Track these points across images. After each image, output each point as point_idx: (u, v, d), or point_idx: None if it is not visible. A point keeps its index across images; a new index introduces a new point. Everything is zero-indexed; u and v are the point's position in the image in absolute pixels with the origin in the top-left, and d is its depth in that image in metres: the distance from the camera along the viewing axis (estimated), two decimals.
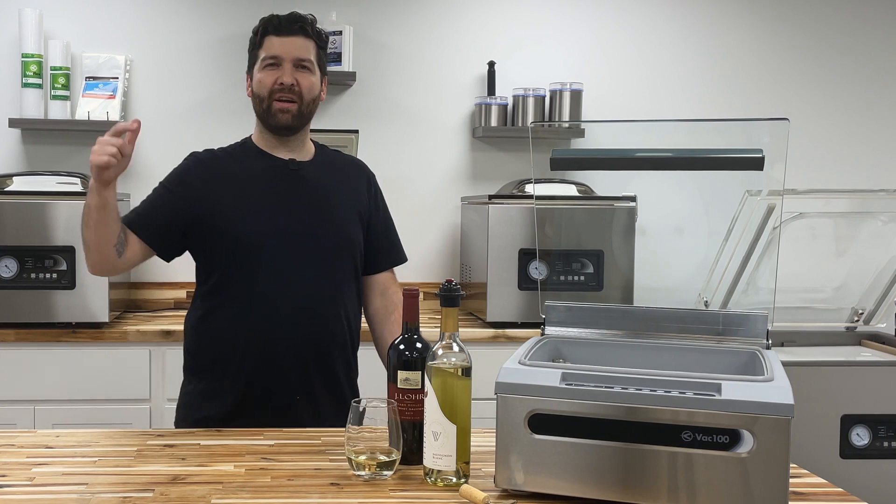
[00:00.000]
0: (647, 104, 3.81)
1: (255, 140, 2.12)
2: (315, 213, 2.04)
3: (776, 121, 1.69)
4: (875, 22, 3.94)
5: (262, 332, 1.99)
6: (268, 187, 2.04)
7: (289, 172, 2.06)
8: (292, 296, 1.99)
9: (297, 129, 2.06)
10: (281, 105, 2.01)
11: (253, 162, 2.07)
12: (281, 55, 2.01)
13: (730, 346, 1.64)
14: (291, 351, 1.99)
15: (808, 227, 3.15)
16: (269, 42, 2.03)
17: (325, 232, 2.03)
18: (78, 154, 3.57)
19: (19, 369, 2.99)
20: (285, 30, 2.03)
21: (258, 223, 2.00)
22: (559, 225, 3.01)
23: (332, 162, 2.15)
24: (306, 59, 2.04)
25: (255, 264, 1.98)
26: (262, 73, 2.03)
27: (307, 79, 2.04)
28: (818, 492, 1.49)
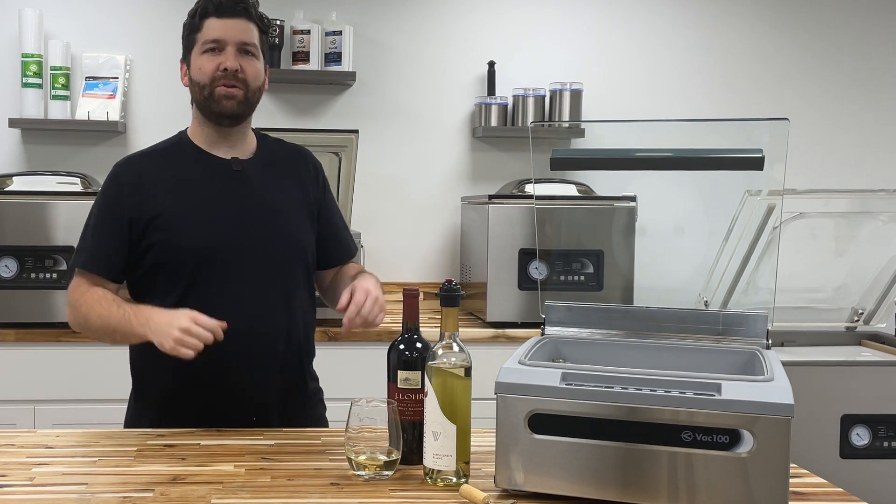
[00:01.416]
0: (647, 104, 3.81)
1: (191, 135, 1.94)
2: (262, 221, 1.87)
3: (776, 121, 1.69)
4: (875, 22, 3.94)
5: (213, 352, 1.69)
6: (210, 192, 1.87)
7: (231, 175, 1.89)
8: (237, 314, 1.78)
9: (241, 119, 1.89)
10: (225, 90, 1.84)
11: (190, 162, 1.90)
12: (223, 38, 1.84)
13: (730, 346, 1.64)
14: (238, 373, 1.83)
15: (808, 227, 3.15)
16: (209, 24, 1.85)
17: (274, 241, 1.88)
18: (78, 154, 3.57)
19: (19, 369, 2.99)
20: (227, 11, 1.85)
21: (197, 234, 1.83)
22: (559, 225, 3.01)
23: (275, 156, 1.98)
24: (250, 44, 1.86)
25: (205, 277, 1.82)
26: (202, 58, 1.85)
27: (252, 65, 1.87)
28: (818, 492, 1.49)
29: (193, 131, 1.95)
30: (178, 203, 1.86)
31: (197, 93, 1.89)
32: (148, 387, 1.92)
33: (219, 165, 1.90)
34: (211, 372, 1.80)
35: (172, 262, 1.84)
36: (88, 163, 3.55)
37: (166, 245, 1.84)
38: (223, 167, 1.90)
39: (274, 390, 1.89)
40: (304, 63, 3.55)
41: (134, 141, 3.61)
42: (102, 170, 3.54)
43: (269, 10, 3.59)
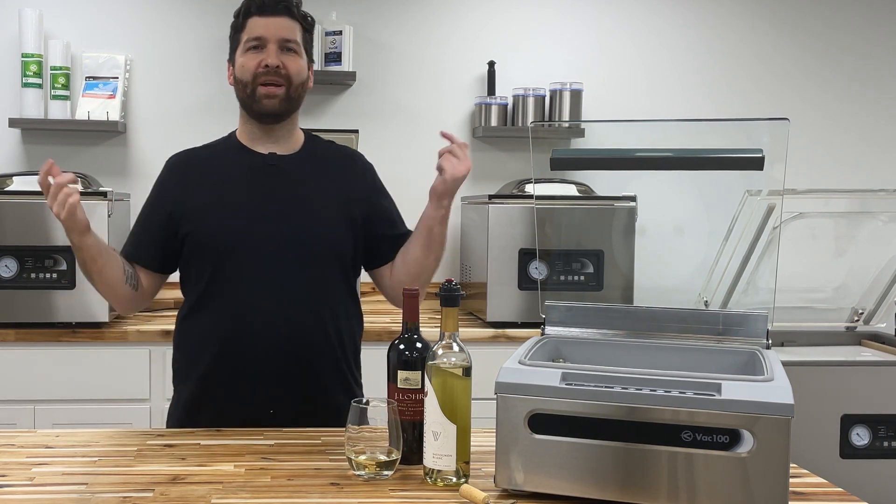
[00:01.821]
0: (647, 104, 3.81)
1: (238, 134, 2.01)
2: (293, 213, 1.91)
3: (776, 121, 1.69)
4: (875, 21, 3.95)
5: (232, 344, 1.87)
6: (243, 185, 1.93)
7: (266, 168, 1.94)
8: (265, 304, 1.87)
9: (283, 117, 1.94)
10: (267, 89, 1.89)
11: (231, 158, 1.97)
12: (265, 36, 1.89)
13: (730, 346, 1.64)
14: (262, 363, 1.87)
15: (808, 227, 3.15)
16: (252, 23, 1.90)
17: (304, 232, 1.90)
18: (78, 154, 3.57)
19: (19, 369, 2.99)
20: (269, 10, 1.90)
21: (229, 224, 1.89)
22: (559, 225, 3.01)
23: (320, 154, 2.01)
24: (292, 41, 1.91)
25: (231, 269, 1.88)
26: (245, 56, 1.90)
27: (294, 61, 1.91)
28: (818, 492, 1.49)
29: (240, 129, 2.01)
30: (209, 196, 1.92)
31: (240, 91, 1.94)
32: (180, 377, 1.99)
33: (255, 159, 1.96)
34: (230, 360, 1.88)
35: (198, 253, 1.91)
36: (88, 163, 3.55)
37: (193, 236, 1.91)
38: (259, 160, 1.95)
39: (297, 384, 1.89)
40: None
41: (134, 141, 3.62)
42: (102, 170, 3.58)
43: None
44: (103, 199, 3.04)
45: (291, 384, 1.89)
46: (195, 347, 1.94)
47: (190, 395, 1.94)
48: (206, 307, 1.92)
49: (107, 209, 3.02)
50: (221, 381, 1.90)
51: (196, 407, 1.93)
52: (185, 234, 1.91)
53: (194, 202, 1.92)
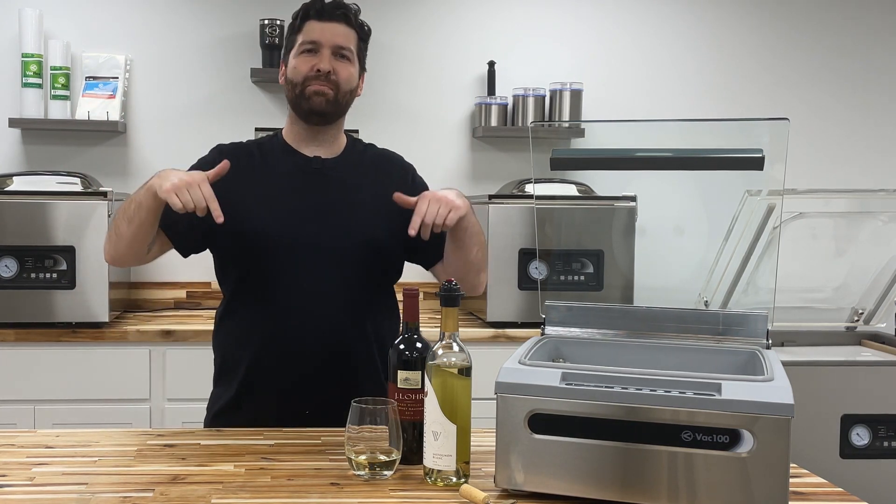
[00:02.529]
0: (647, 104, 3.81)
1: (284, 134, 2.01)
2: (334, 216, 1.91)
3: (776, 121, 1.69)
4: (875, 22, 3.95)
5: (270, 344, 1.89)
6: (286, 186, 1.94)
7: (310, 171, 1.95)
8: (305, 305, 1.88)
9: (330, 118, 1.94)
10: (316, 87, 1.89)
11: (276, 158, 1.97)
12: (320, 40, 1.90)
13: (730, 345, 1.64)
14: (298, 365, 1.88)
15: (808, 227, 3.15)
16: (310, 27, 1.92)
17: (346, 235, 1.90)
18: (78, 154, 3.57)
19: (19, 369, 2.99)
20: (327, 15, 1.92)
21: (271, 224, 1.89)
22: (559, 225, 3.01)
23: (362, 158, 2.03)
24: (346, 48, 1.92)
25: (267, 269, 1.88)
26: (299, 58, 1.92)
27: (346, 68, 1.92)
28: (818, 492, 1.49)
29: (287, 130, 2.01)
30: (251, 193, 1.92)
31: (290, 91, 1.95)
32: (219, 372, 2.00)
33: (299, 160, 1.96)
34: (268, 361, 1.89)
35: (237, 250, 1.91)
36: (88, 163, 3.55)
37: (234, 231, 1.87)
38: (303, 162, 1.96)
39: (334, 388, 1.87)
40: None
41: (134, 141, 3.62)
42: (102, 170, 3.58)
43: (268, 10, 3.62)
44: (103, 199, 3.04)
45: (327, 386, 1.89)
46: (233, 346, 1.95)
47: (228, 394, 1.95)
48: (245, 306, 1.93)
49: (107, 209, 3.02)
50: (259, 382, 1.91)
51: (235, 406, 1.94)
52: (224, 228, 1.86)
53: (239, 196, 1.89)
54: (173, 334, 3.05)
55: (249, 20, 3.61)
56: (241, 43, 3.64)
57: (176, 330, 3.06)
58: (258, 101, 3.67)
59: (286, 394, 1.91)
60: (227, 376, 1.97)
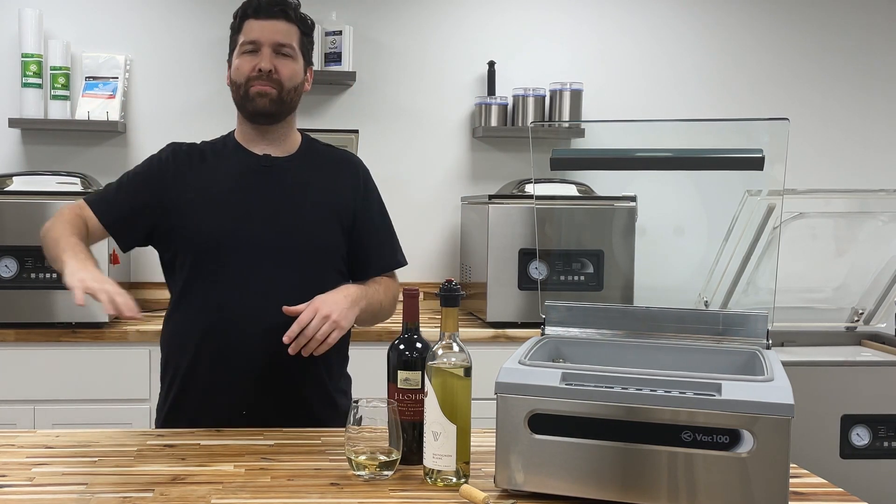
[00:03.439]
0: (647, 104, 3.81)
1: (236, 134, 2.00)
2: (281, 214, 1.89)
3: (776, 121, 1.69)
4: (875, 22, 3.94)
5: (209, 342, 1.86)
6: (234, 186, 1.91)
7: (259, 169, 1.92)
8: (244, 304, 1.84)
9: (276, 118, 1.92)
10: (259, 87, 1.88)
11: (227, 157, 1.96)
12: (259, 40, 1.88)
13: (730, 346, 1.64)
14: (237, 363, 1.85)
15: (808, 227, 3.15)
16: (248, 26, 1.90)
17: (291, 234, 1.88)
18: (78, 154, 3.57)
19: (19, 369, 2.99)
20: (265, 13, 1.89)
21: (217, 223, 1.87)
22: (559, 225, 3.01)
23: (316, 157, 2.00)
24: (287, 45, 1.90)
25: (213, 268, 1.87)
26: (240, 59, 1.90)
27: (287, 66, 1.90)
28: (818, 492, 1.49)
29: (237, 130, 2.01)
30: (199, 192, 1.91)
31: (234, 92, 1.94)
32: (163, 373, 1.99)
33: (248, 159, 1.95)
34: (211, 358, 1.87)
35: (182, 248, 1.90)
36: (88, 163, 3.55)
37: (179, 230, 1.90)
38: (253, 161, 1.95)
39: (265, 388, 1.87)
40: None
41: (134, 141, 3.62)
42: (102, 170, 3.58)
43: None
44: None
45: (265, 387, 1.87)
46: (176, 345, 1.94)
47: (170, 393, 1.95)
48: (188, 305, 1.92)
49: None
50: (198, 381, 1.90)
51: (175, 406, 1.94)
52: (171, 227, 1.90)
53: (184, 196, 1.90)
54: None
55: None
56: None
57: None
58: None
59: (224, 394, 1.87)
60: (168, 375, 1.96)
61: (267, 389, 1.87)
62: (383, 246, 2.02)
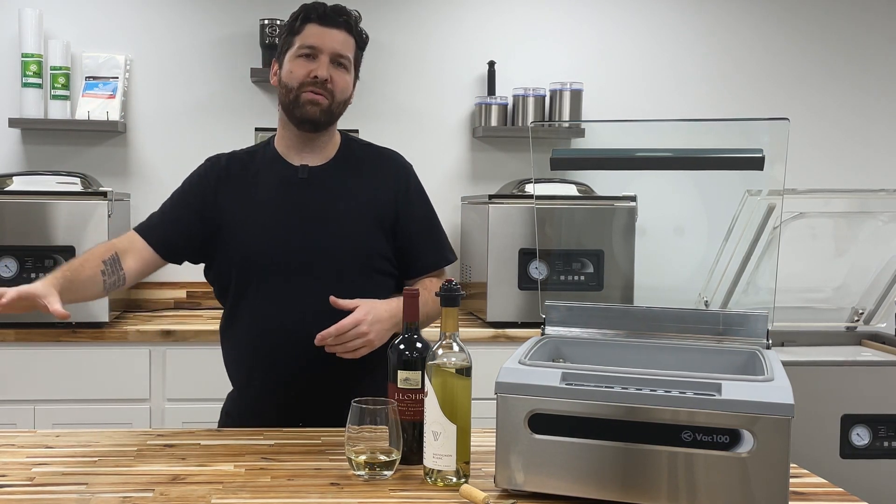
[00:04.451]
0: (647, 104, 3.81)
1: (276, 142, 1.97)
2: (321, 225, 1.87)
3: (776, 121, 1.69)
4: (875, 22, 3.94)
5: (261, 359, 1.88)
6: (272, 198, 1.90)
7: (297, 181, 1.91)
8: (292, 319, 1.84)
9: (321, 127, 1.90)
10: (311, 96, 1.85)
11: (266, 167, 1.93)
12: (319, 46, 1.85)
13: (730, 346, 1.64)
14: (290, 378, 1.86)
15: (808, 227, 3.15)
16: (310, 30, 1.87)
17: (333, 244, 1.86)
18: (78, 154, 3.57)
19: (19, 369, 2.99)
20: (329, 20, 1.87)
21: (257, 237, 1.87)
22: (559, 225, 3.01)
23: (354, 161, 1.97)
24: (345, 57, 1.89)
25: (256, 282, 1.86)
26: (295, 62, 1.87)
27: (342, 77, 1.89)
28: (818, 492, 1.49)
29: (278, 137, 1.98)
30: (241, 209, 1.90)
31: (283, 95, 1.91)
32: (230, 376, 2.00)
33: (287, 172, 1.92)
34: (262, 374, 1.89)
35: (227, 265, 1.89)
36: (88, 163, 3.55)
37: (221, 247, 1.89)
38: (291, 173, 1.92)
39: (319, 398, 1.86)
40: None
41: (134, 141, 3.62)
42: (102, 170, 3.58)
43: (268, 11, 3.62)
44: (103, 199, 3.04)
45: (320, 397, 1.86)
46: (232, 359, 1.96)
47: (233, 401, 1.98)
48: (237, 319, 1.92)
49: (107, 209, 3.02)
50: (254, 394, 1.92)
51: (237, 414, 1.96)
52: (214, 242, 1.90)
53: (224, 211, 1.90)
54: (173, 334, 3.05)
55: (249, 20, 3.61)
56: (241, 43, 3.64)
57: (176, 330, 3.06)
58: (258, 101, 3.66)
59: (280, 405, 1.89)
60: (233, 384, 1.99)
61: (321, 397, 1.86)
62: (428, 244, 1.99)
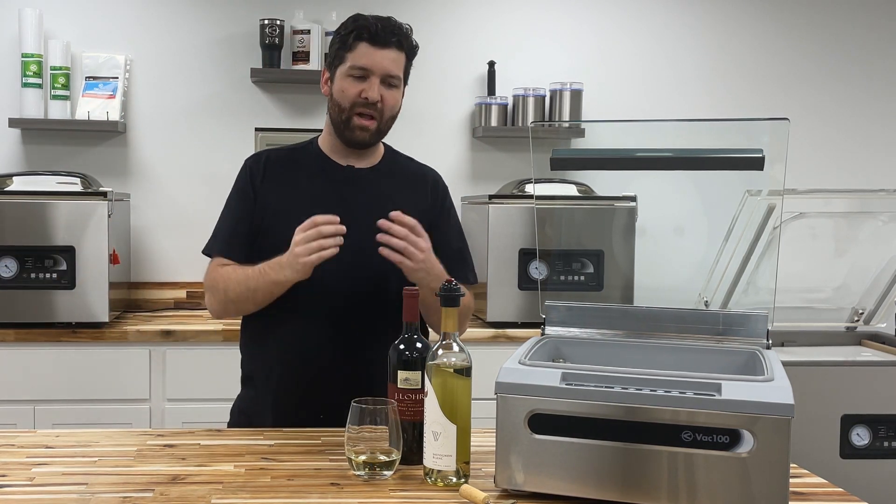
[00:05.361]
0: (647, 104, 3.81)
1: (321, 143, 2.00)
2: (362, 225, 1.84)
3: (776, 121, 1.69)
4: (875, 22, 3.95)
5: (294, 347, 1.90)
6: (316, 193, 1.93)
7: (342, 180, 1.94)
8: (331, 313, 1.88)
9: (371, 146, 1.96)
10: (361, 122, 1.88)
11: (311, 165, 1.96)
12: (371, 68, 1.87)
13: (730, 346, 1.64)
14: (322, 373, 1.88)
15: (808, 227, 3.15)
16: (362, 50, 1.87)
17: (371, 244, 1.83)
18: (78, 154, 3.57)
19: (19, 369, 2.99)
20: (381, 41, 1.88)
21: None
22: (559, 225, 3.01)
23: (396, 170, 2.02)
24: (395, 76, 1.91)
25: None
26: (347, 81, 1.88)
27: (393, 96, 1.92)
28: (818, 492, 1.49)
29: (323, 139, 2.00)
30: (289, 200, 1.91)
31: (335, 112, 1.92)
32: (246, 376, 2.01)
33: (335, 170, 1.96)
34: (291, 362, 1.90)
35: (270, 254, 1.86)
36: (88, 163, 3.55)
37: (271, 237, 1.88)
38: (339, 172, 1.96)
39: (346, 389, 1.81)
40: (304, 63, 3.55)
41: (134, 141, 3.62)
42: (102, 170, 3.58)
43: (268, 10, 3.62)
44: (103, 199, 3.04)
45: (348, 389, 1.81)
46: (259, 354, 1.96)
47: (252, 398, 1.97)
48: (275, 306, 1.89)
49: (107, 209, 3.02)
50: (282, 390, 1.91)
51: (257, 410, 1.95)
52: (264, 233, 1.91)
53: (274, 204, 1.92)
54: (173, 334, 3.05)
55: (249, 20, 3.61)
56: (241, 43, 3.64)
57: (176, 330, 3.06)
58: (258, 101, 3.66)
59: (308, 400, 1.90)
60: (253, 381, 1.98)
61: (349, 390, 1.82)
62: (455, 263, 1.97)
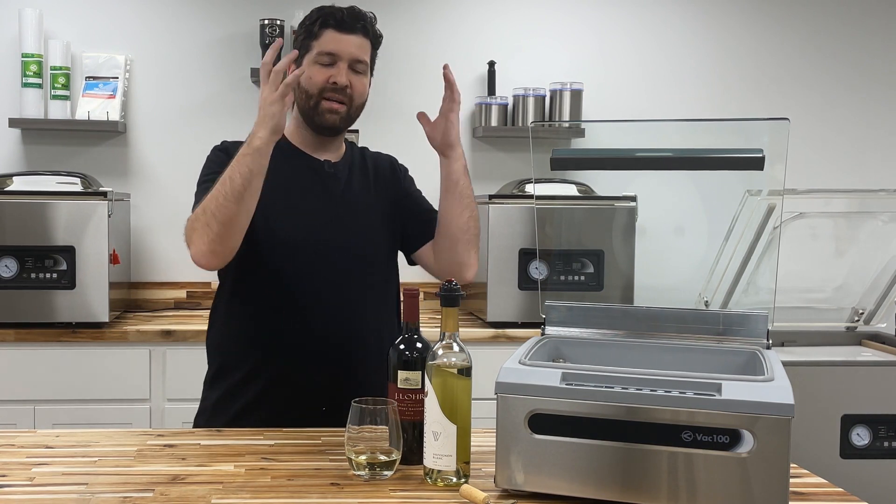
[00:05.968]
0: (647, 104, 3.81)
1: (288, 136, 1.98)
2: (347, 220, 1.94)
3: (776, 121, 1.69)
4: (874, 23, 3.95)
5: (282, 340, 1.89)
6: (299, 188, 1.94)
7: (325, 175, 1.96)
8: (321, 307, 1.89)
9: (340, 132, 1.97)
10: (330, 105, 1.89)
11: (287, 159, 1.94)
12: (338, 53, 1.88)
13: (730, 346, 1.64)
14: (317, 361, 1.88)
15: (808, 227, 3.15)
16: (328, 37, 1.89)
17: (354, 239, 1.94)
18: (78, 154, 3.57)
19: (19, 369, 2.99)
20: (347, 27, 1.89)
21: (284, 226, 1.89)
22: (559, 225, 3.01)
23: (360, 161, 2.05)
24: (362, 61, 1.92)
25: (284, 269, 1.88)
26: (314, 67, 1.89)
27: (361, 82, 1.93)
28: (818, 492, 1.49)
29: (292, 132, 2.00)
30: (272, 193, 1.86)
31: (302, 100, 1.93)
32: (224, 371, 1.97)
33: (314, 164, 1.97)
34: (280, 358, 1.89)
35: (258, 248, 1.87)
36: (88, 163, 3.55)
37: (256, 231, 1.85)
38: (318, 166, 1.97)
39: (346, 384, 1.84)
40: None
41: (134, 141, 3.62)
42: (102, 170, 3.58)
43: (268, 10, 3.62)
44: (103, 199, 3.04)
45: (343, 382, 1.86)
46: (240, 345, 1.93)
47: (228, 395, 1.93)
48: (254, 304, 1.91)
49: (107, 209, 3.03)
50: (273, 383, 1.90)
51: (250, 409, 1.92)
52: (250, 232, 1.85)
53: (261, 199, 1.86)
54: (173, 334, 3.05)
55: (249, 20, 3.61)
56: (241, 43, 3.64)
57: (176, 330, 3.06)
58: (258, 102, 3.65)
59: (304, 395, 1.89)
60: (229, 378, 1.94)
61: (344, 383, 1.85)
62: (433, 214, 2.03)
